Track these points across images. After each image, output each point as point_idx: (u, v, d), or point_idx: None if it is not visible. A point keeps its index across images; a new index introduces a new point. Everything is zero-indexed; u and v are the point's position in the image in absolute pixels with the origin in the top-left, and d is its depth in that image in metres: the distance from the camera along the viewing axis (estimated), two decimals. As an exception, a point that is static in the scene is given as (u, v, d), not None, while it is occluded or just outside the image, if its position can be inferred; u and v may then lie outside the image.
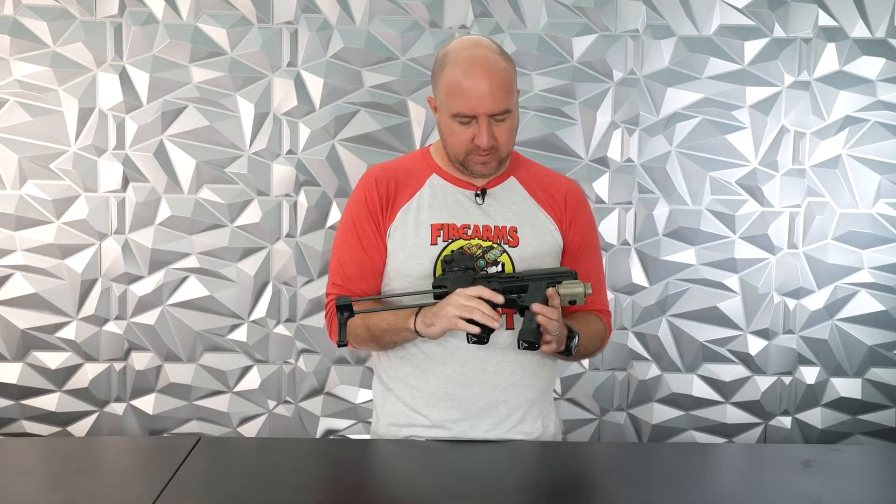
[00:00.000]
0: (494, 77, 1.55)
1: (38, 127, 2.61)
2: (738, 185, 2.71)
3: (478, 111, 1.55)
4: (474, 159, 1.61)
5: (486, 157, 1.60)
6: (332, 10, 2.63)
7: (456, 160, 1.64)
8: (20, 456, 1.61)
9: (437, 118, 1.65)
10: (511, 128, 1.61)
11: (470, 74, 1.54)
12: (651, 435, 2.79)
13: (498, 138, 1.58)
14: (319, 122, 2.65)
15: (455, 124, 1.58)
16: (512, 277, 1.56)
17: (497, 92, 1.55)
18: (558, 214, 1.70)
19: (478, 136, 1.57)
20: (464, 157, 1.61)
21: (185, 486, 1.38)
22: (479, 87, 1.54)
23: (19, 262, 2.64)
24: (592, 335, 1.70)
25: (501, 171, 1.69)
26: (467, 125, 1.57)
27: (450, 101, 1.57)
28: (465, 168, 1.64)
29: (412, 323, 1.56)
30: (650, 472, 1.52)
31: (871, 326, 2.76)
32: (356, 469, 1.53)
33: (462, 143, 1.59)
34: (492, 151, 1.59)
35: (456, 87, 1.56)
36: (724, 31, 2.66)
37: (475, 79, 1.54)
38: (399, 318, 1.59)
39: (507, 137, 1.61)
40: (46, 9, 2.59)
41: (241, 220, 2.68)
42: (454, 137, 1.60)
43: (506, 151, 1.63)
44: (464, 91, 1.55)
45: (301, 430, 2.76)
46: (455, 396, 1.64)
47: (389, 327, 1.61)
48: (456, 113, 1.57)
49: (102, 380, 2.71)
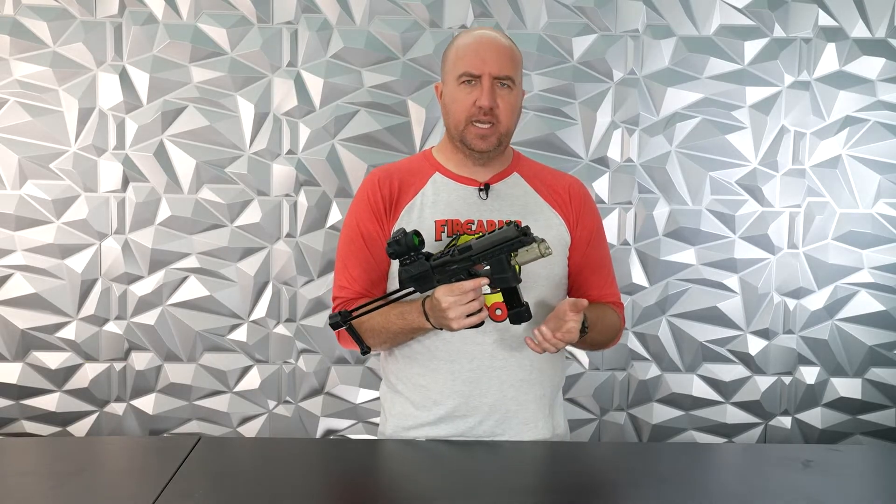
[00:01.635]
0: (500, 46, 1.62)
1: (38, 127, 2.61)
2: (738, 185, 2.71)
3: (482, 70, 1.59)
4: (473, 130, 1.61)
5: (485, 128, 1.60)
6: (332, 10, 2.63)
7: (457, 132, 1.63)
8: (20, 456, 1.61)
9: (442, 103, 1.67)
10: (513, 103, 1.62)
11: (478, 40, 1.62)
12: (651, 435, 2.79)
13: (500, 105, 1.60)
14: (319, 122, 2.65)
15: (459, 90, 1.61)
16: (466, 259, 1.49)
17: (502, 56, 1.60)
18: (564, 209, 1.70)
19: (480, 97, 1.58)
20: (464, 125, 1.61)
21: (185, 486, 1.38)
22: (485, 50, 1.60)
23: (19, 262, 2.65)
24: (607, 325, 1.70)
25: (501, 151, 1.67)
26: (471, 87, 1.60)
27: (457, 65, 1.61)
28: (465, 144, 1.63)
29: (428, 324, 1.55)
30: (650, 472, 1.52)
31: (871, 326, 2.76)
32: (356, 469, 1.52)
33: (464, 108, 1.61)
34: (492, 122, 1.60)
35: (463, 51, 1.62)
36: (724, 31, 2.66)
37: (483, 43, 1.61)
38: (407, 321, 1.58)
39: (509, 112, 1.62)
40: (46, 9, 2.59)
41: (241, 220, 2.68)
42: (457, 104, 1.61)
43: (506, 126, 1.63)
44: (470, 52, 1.60)
45: (301, 430, 2.76)
46: (462, 393, 1.64)
47: (402, 330, 1.60)
48: (462, 73, 1.60)
49: (102, 380, 2.71)
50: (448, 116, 1.65)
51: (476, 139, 1.62)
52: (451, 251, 1.49)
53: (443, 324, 1.52)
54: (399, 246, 1.49)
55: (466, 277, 1.49)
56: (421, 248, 1.50)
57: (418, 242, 1.49)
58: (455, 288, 1.47)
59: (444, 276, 1.50)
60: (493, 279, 1.48)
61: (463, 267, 1.48)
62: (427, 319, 1.54)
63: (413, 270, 1.50)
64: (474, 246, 1.48)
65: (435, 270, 1.50)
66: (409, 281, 1.51)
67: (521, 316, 1.51)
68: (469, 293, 1.47)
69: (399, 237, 1.49)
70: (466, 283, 1.47)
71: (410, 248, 1.49)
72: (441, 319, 1.50)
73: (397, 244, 1.49)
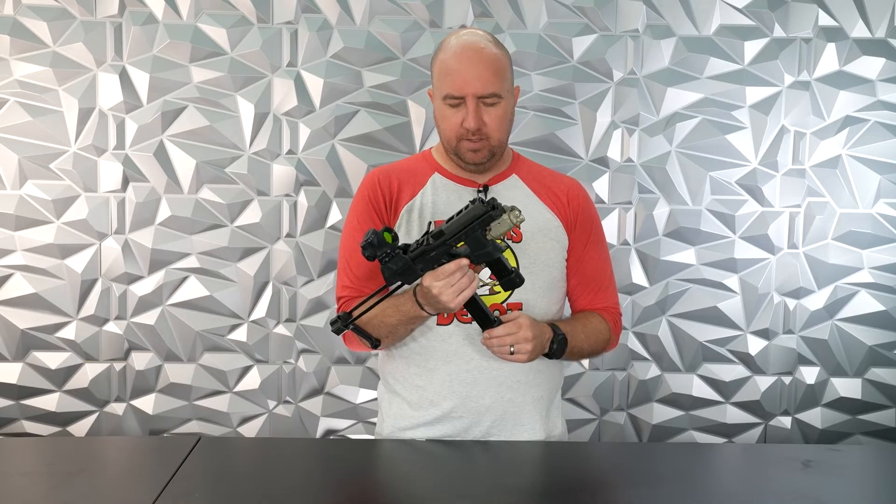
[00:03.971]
0: (483, 60, 1.57)
1: (38, 127, 2.61)
2: (738, 185, 2.71)
3: (465, 91, 1.56)
4: (465, 146, 1.61)
5: (475, 143, 1.60)
6: (332, 10, 2.63)
7: (449, 147, 1.64)
8: (20, 456, 1.60)
9: (434, 112, 1.66)
10: (502, 115, 1.61)
11: (459, 56, 1.58)
12: (651, 435, 2.79)
13: (487, 123, 1.59)
14: (319, 122, 2.65)
15: (446, 108, 1.60)
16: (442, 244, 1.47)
17: (485, 74, 1.56)
18: (562, 211, 1.70)
19: (465, 118, 1.58)
20: (455, 143, 1.62)
21: (185, 486, 1.38)
22: (466, 69, 1.56)
23: (19, 262, 2.65)
24: (591, 334, 1.68)
25: (496, 161, 1.67)
26: (457, 108, 1.59)
27: (441, 84, 1.59)
28: (458, 156, 1.64)
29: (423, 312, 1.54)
30: (650, 472, 1.52)
31: (871, 326, 2.76)
32: (356, 469, 1.52)
33: (452, 127, 1.60)
34: (482, 138, 1.59)
35: (446, 68, 1.59)
36: (724, 31, 2.66)
37: (464, 60, 1.57)
38: (403, 311, 1.57)
39: (498, 125, 1.60)
40: (46, 9, 2.59)
41: (241, 220, 2.68)
42: (445, 122, 1.61)
43: (497, 140, 1.62)
44: (452, 72, 1.57)
45: (301, 430, 2.76)
46: (459, 394, 1.64)
47: (400, 321, 1.59)
48: (446, 94, 1.58)
49: (102, 380, 2.71)
50: (439, 131, 1.65)
51: (468, 153, 1.62)
52: (426, 239, 1.48)
53: (439, 308, 1.51)
54: (373, 247, 1.47)
55: (448, 260, 1.48)
56: (395, 243, 1.48)
57: (391, 238, 1.48)
58: (440, 273, 1.46)
59: (427, 264, 1.49)
60: (474, 256, 1.47)
61: (442, 252, 1.47)
62: (422, 308, 1.54)
63: (394, 266, 1.49)
64: (446, 230, 1.46)
65: (416, 261, 1.49)
66: (393, 277, 1.50)
67: (514, 282, 1.51)
68: (455, 274, 1.46)
69: (370, 239, 1.47)
70: (449, 265, 1.46)
71: (384, 244, 1.47)
72: (436, 304, 1.50)
73: (371, 246, 1.47)
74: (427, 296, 1.49)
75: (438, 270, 1.47)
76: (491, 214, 1.43)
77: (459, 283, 1.46)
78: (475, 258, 1.47)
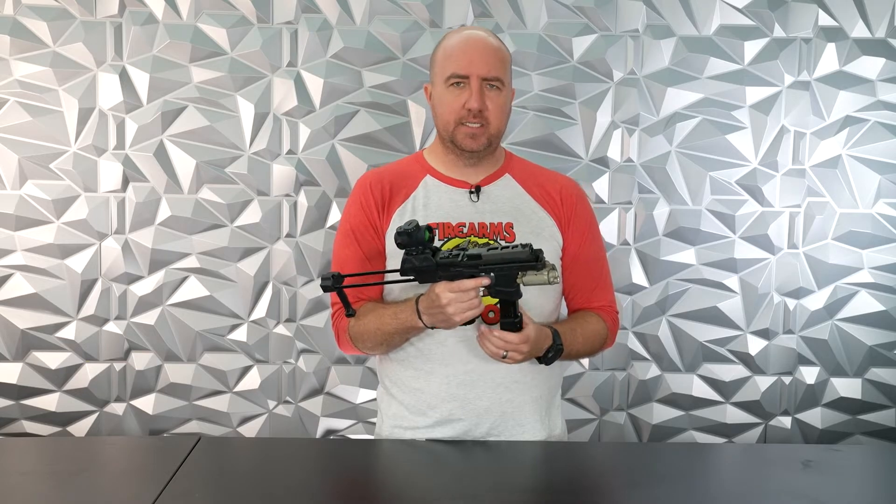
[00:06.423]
0: (488, 47, 1.62)
1: (38, 127, 2.61)
2: (738, 185, 2.71)
3: (470, 71, 1.59)
4: (463, 130, 1.62)
5: (475, 128, 1.61)
6: (332, 10, 2.63)
7: (446, 133, 1.64)
8: (20, 456, 1.61)
9: (431, 104, 1.67)
10: (503, 104, 1.63)
11: (465, 41, 1.63)
12: (651, 435, 2.79)
13: (489, 107, 1.60)
14: (319, 122, 2.65)
15: (447, 92, 1.61)
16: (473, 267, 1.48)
17: (490, 57, 1.60)
18: (556, 211, 1.70)
19: (469, 98, 1.59)
20: (454, 126, 1.62)
21: (185, 486, 1.38)
22: (473, 50, 1.61)
23: (19, 262, 2.65)
24: (588, 336, 1.68)
25: (491, 152, 1.67)
26: (459, 89, 1.60)
27: (444, 66, 1.62)
28: (454, 144, 1.64)
29: (420, 322, 1.55)
30: (650, 472, 1.52)
31: (871, 326, 2.76)
32: (356, 469, 1.52)
33: (453, 109, 1.61)
34: (482, 123, 1.60)
35: (451, 52, 1.62)
36: (724, 31, 2.66)
37: (469, 44, 1.62)
38: (400, 320, 1.58)
39: (498, 112, 1.62)
40: (46, 9, 2.59)
41: (241, 220, 2.68)
42: (445, 106, 1.62)
43: (495, 127, 1.63)
44: (458, 53, 1.61)
45: (301, 430, 2.76)
46: (458, 396, 1.64)
47: (396, 330, 1.59)
48: (450, 74, 1.60)
49: (102, 380, 2.71)
50: (438, 118, 1.66)
51: (466, 139, 1.62)
52: (461, 255, 1.49)
53: (439, 320, 1.51)
54: (409, 238, 1.48)
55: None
56: (430, 244, 1.50)
57: (428, 238, 1.49)
58: (455, 286, 1.47)
59: (447, 276, 1.50)
60: (496, 290, 1.49)
61: (468, 273, 1.49)
62: (419, 318, 1.54)
63: (417, 262, 1.50)
64: (485, 257, 1.48)
65: (439, 268, 1.50)
66: (410, 270, 1.51)
67: (514, 325, 1.52)
68: (470, 292, 1.47)
69: (411, 230, 1.48)
70: (467, 281, 1.47)
71: (420, 243, 1.49)
72: (438, 316, 1.50)
73: (408, 235, 1.48)
74: (433, 304, 1.49)
75: (455, 283, 1.47)
76: (534, 265, 1.46)
77: (470, 302, 1.47)
78: (495, 292, 1.49)
